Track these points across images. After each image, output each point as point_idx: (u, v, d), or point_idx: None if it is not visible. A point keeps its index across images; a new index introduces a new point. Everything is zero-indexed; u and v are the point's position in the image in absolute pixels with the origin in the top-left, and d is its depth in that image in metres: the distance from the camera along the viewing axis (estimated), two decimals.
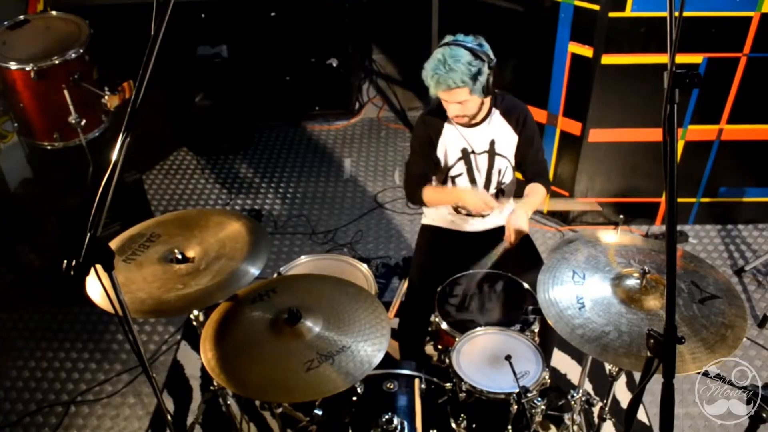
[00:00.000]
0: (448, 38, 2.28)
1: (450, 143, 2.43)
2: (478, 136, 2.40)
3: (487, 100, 2.35)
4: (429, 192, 2.50)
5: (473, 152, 2.42)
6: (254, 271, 1.97)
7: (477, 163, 2.43)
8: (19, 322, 3.22)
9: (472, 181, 2.46)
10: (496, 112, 2.40)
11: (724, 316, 1.75)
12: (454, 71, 2.18)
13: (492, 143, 2.40)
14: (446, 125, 2.43)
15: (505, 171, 2.48)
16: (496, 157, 2.43)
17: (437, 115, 2.43)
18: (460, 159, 2.43)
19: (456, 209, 2.56)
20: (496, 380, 1.97)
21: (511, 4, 3.18)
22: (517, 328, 2.17)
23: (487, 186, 2.48)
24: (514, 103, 2.44)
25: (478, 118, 2.39)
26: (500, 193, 2.52)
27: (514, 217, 2.33)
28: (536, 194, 2.45)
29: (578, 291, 1.87)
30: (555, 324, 1.80)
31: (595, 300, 1.84)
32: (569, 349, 2.88)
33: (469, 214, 2.56)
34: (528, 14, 3.15)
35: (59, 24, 3.03)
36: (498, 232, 2.59)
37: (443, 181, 2.50)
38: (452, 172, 2.46)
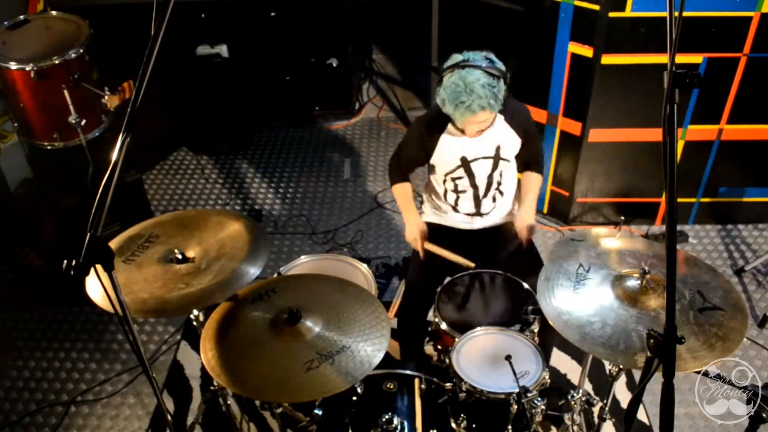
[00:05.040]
0: (457, 58, 2.21)
1: (448, 152, 2.40)
2: (480, 143, 2.38)
3: None
4: (397, 190, 2.59)
5: (474, 160, 2.40)
6: (254, 271, 1.97)
7: (477, 169, 2.42)
8: (19, 322, 3.22)
9: (473, 185, 2.46)
10: (500, 118, 2.37)
11: (719, 327, 1.75)
12: (480, 97, 2.12)
13: (498, 149, 2.40)
14: (444, 135, 2.39)
15: (506, 173, 2.48)
16: (501, 162, 2.42)
17: (435, 124, 2.40)
18: (459, 167, 2.42)
19: (455, 208, 2.56)
20: (496, 380, 1.97)
21: (511, 4, 3.18)
22: (517, 328, 2.17)
23: (487, 188, 2.47)
24: (517, 107, 2.41)
25: None
26: (499, 194, 2.52)
27: (521, 218, 2.45)
28: (532, 185, 2.55)
29: (578, 280, 1.92)
30: (545, 307, 1.85)
31: (591, 292, 1.87)
32: (569, 349, 2.88)
33: (468, 214, 2.56)
34: (528, 14, 3.15)
35: (59, 24, 3.03)
36: (496, 231, 2.59)
37: (443, 182, 2.50)
38: (453, 175, 2.45)
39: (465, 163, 2.41)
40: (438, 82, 2.25)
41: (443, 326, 2.22)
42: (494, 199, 2.52)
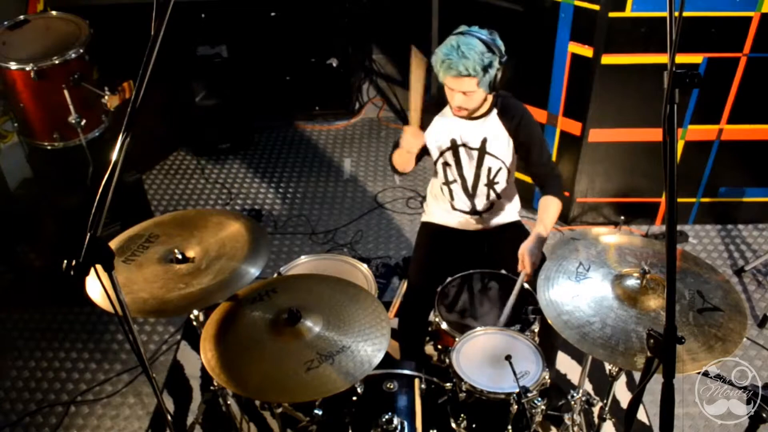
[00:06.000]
0: (463, 28, 2.27)
1: (439, 133, 2.43)
2: (470, 130, 2.40)
3: (490, 97, 2.34)
4: (394, 156, 2.45)
5: (462, 145, 2.42)
6: (254, 271, 1.97)
7: (465, 156, 2.43)
8: (19, 322, 3.22)
9: (461, 175, 2.47)
10: (494, 111, 2.39)
11: (719, 328, 1.75)
12: (467, 58, 2.16)
13: (483, 141, 2.40)
14: (437, 117, 2.43)
15: (498, 172, 2.47)
16: (486, 156, 2.42)
17: (432, 108, 2.43)
18: (448, 149, 2.44)
19: (452, 205, 2.56)
20: (496, 380, 1.97)
21: (511, 4, 3.18)
22: (517, 328, 2.17)
23: (476, 182, 2.48)
24: (512, 104, 2.41)
25: (477, 114, 2.37)
26: (492, 193, 2.51)
27: (524, 245, 2.26)
28: (548, 211, 2.36)
29: (578, 281, 1.91)
30: (545, 307, 1.85)
31: (591, 291, 1.87)
32: (569, 349, 2.88)
33: (464, 211, 2.56)
34: (528, 14, 3.15)
35: (59, 24, 3.02)
36: (497, 232, 2.59)
37: (434, 171, 2.51)
38: (442, 160, 2.47)
39: (454, 146, 2.43)
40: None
41: (443, 326, 2.22)
42: (488, 197, 2.52)
